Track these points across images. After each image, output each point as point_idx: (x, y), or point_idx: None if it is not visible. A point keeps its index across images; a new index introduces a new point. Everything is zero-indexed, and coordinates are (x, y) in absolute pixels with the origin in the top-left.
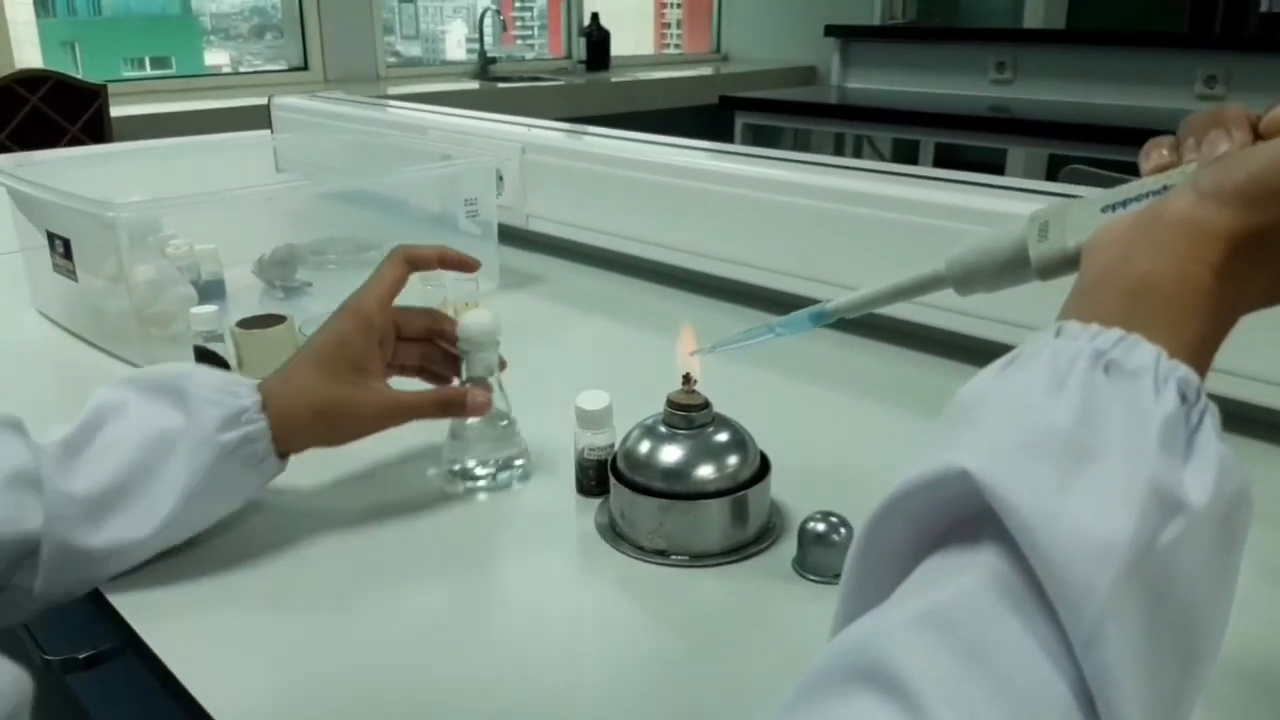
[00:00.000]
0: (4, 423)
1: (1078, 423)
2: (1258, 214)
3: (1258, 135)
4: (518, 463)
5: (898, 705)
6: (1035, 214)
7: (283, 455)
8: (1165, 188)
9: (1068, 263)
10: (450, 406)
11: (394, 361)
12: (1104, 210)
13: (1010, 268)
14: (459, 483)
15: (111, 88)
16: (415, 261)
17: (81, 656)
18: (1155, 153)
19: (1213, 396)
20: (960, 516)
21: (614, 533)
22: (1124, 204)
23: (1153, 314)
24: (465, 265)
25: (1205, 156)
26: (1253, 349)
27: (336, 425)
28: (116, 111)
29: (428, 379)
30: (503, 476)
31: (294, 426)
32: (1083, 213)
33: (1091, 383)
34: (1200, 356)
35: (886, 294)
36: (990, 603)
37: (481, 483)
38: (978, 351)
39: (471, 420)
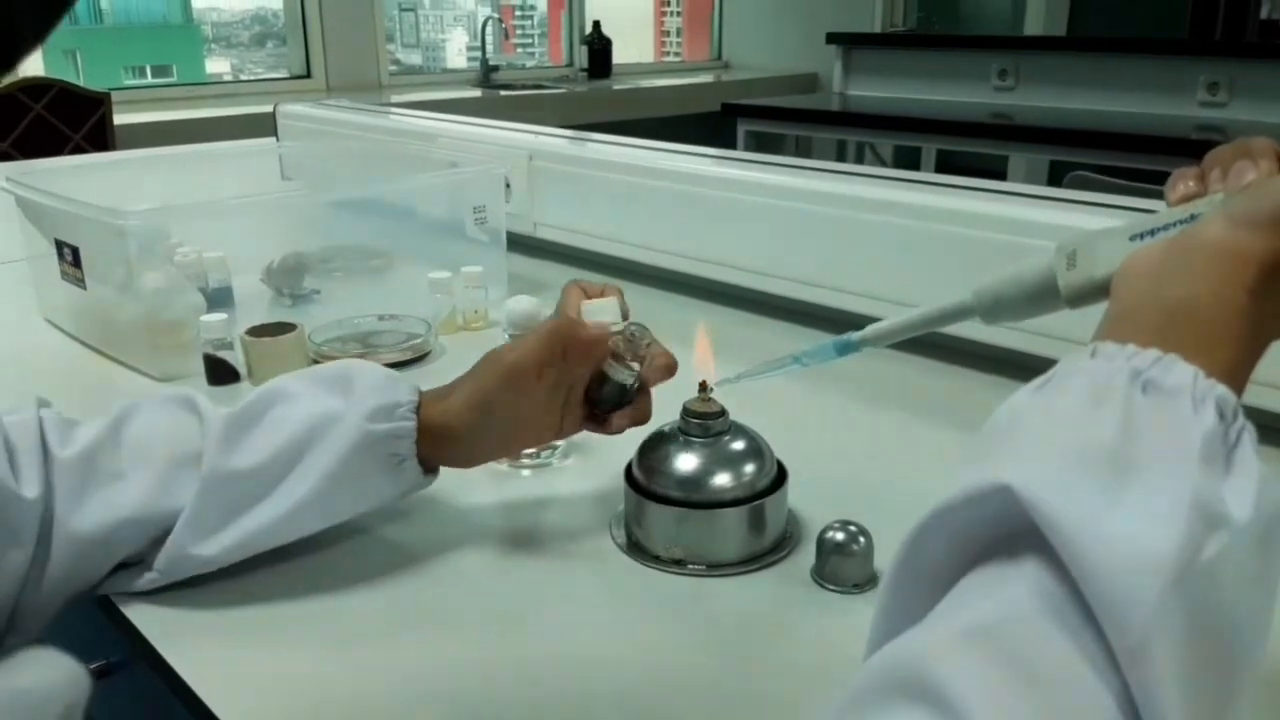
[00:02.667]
0: (176, 399)
1: (1119, 438)
2: None
3: None
4: (558, 442)
5: (942, 718)
6: (1062, 244)
7: (428, 468)
8: (1193, 216)
9: (1097, 291)
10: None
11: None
12: (1132, 239)
13: (1039, 297)
14: (505, 460)
15: (114, 96)
16: (586, 288)
17: (90, 668)
18: (1181, 184)
19: (1245, 408)
20: (1000, 533)
21: (630, 542)
22: (1152, 233)
23: (1189, 336)
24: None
25: (1232, 185)
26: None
27: (493, 423)
28: (120, 119)
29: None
30: (545, 454)
31: (454, 429)
32: (1111, 242)
33: (1130, 400)
34: (1236, 377)
35: (913, 324)
36: (1034, 617)
37: (525, 460)
38: (996, 360)
39: None
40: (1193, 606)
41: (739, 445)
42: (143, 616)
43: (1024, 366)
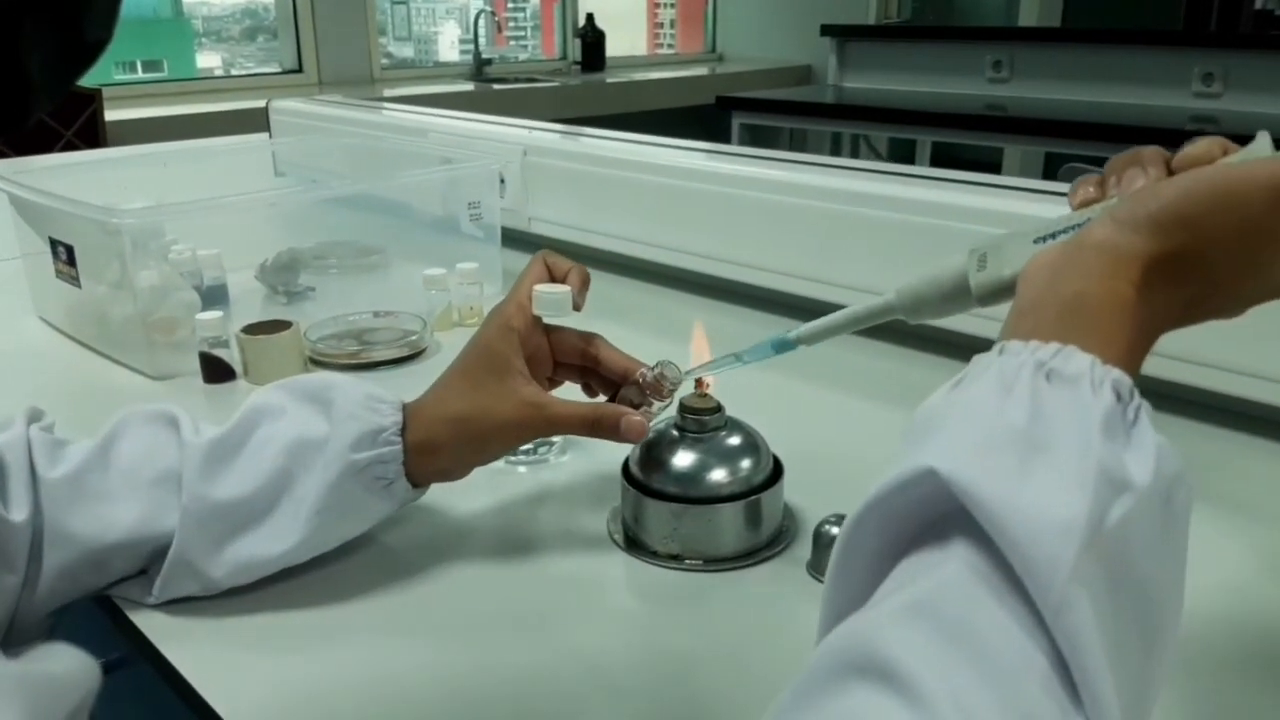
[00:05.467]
0: (161, 417)
1: (1029, 421)
2: (1168, 239)
3: (1171, 172)
4: (554, 439)
5: (893, 690)
6: (974, 247)
7: (417, 483)
8: (1088, 220)
9: (1004, 290)
10: (600, 427)
11: (554, 378)
12: (1036, 241)
13: (953, 296)
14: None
15: (105, 91)
16: (552, 265)
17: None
18: (1082, 189)
19: (1234, 397)
20: (930, 519)
21: (627, 538)
22: (1053, 235)
23: (1084, 328)
24: (583, 284)
25: (1124, 191)
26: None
27: (474, 433)
28: (111, 115)
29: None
30: (542, 451)
31: (434, 444)
32: (1017, 244)
33: (1036, 387)
34: (1130, 363)
35: (843, 322)
36: (967, 589)
37: (522, 457)
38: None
39: None
40: (1107, 563)
41: (735, 441)
42: (144, 616)
43: None
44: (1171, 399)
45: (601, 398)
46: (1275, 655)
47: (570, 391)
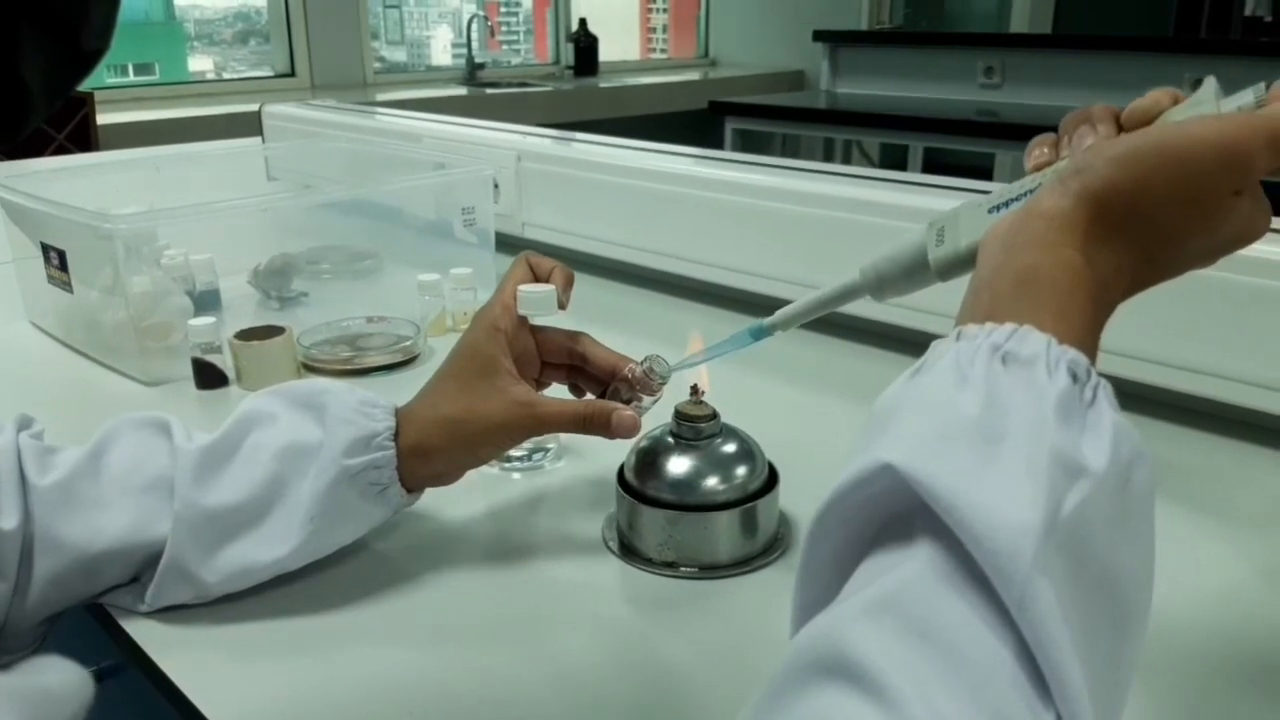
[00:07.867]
0: (153, 423)
1: (984, 409)
2: (1115, 199)
3: (1121, 128)
4: (549, 445)
5: (861, 689)
6: (933, 220)
7: (411, 488)
8: (1040, 185)
9: (963, 263)
10: (592, 424)
11: (541, 379)
12: (990, 211)
13: (914, 272)
14: (496, 463)
15: (97, 95)
16: (535, 265)
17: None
18: (1037, 151)
19: (1221, 402)
20: (890, 515)
21: (622, 545)
22: (1006, 204)
23: (1039, 303)
24: (567, 283)
25: (1074, 151)
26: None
27: (466, 435)
28: (103, 119)
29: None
30: (536, 457)
31: (427, 448)
32: (972, 215)
33: (991, 374)
34: (1087, 336)
35: (813, 305)
36: (931, 585)
37: (517, 463)
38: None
39: None
40: (1067, 552)
41: (730, 448)
42: (136, 624)
43: None
44: (1167, 406)
45: (589, 398)
46: (1267, 662)
47: (559, 394)
